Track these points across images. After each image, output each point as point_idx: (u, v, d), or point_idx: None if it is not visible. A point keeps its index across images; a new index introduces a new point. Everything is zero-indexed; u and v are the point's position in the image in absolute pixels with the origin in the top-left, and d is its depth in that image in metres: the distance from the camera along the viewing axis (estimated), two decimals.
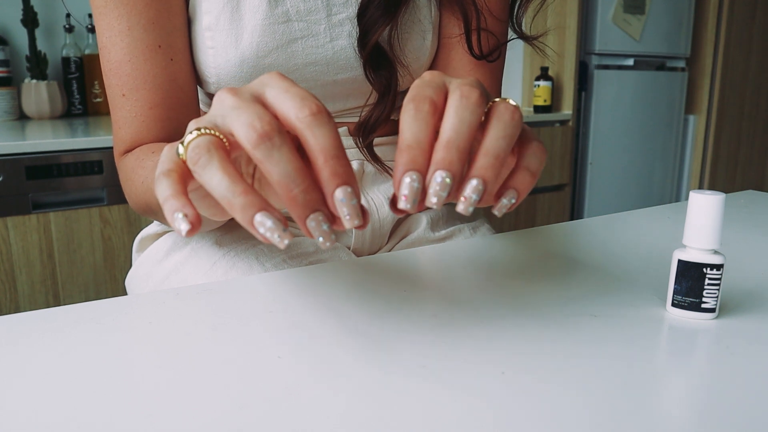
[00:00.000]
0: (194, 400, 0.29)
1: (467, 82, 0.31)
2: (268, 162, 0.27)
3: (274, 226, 0.27)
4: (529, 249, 0.54)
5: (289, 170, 0.27)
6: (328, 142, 0.28)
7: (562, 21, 2.11)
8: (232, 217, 0.36)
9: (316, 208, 0.28)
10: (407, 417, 0.27)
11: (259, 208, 0.27)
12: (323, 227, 0.28)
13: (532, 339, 0.35)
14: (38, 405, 0.28)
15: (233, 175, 0.28)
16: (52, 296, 1.37)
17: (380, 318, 0.38)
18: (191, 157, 0.28)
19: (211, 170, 0.28)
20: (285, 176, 0.27)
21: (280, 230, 0.27)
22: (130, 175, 0.52)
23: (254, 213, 0.27)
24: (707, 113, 2.57)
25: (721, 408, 0.28)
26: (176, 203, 0.28)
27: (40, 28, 1.75)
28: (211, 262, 0.58)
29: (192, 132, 0.29)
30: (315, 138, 0.28)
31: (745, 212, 0.68)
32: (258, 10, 0.54)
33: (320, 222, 0.28)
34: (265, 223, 0.27)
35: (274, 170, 0.27)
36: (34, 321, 0.38)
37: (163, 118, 0.54)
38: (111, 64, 0.53)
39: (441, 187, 0.29)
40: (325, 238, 0.28)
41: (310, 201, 0.28)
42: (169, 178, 0.29)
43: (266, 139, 0.27)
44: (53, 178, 1.33)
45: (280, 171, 0.27)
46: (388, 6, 0.55)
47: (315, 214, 0.28)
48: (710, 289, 0.37)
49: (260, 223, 0.27)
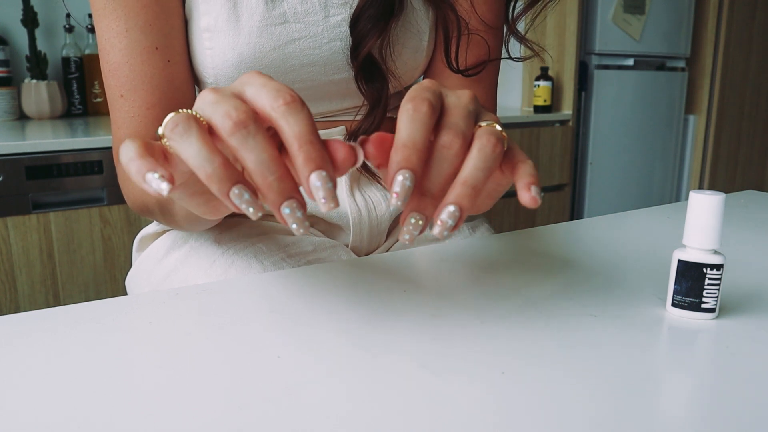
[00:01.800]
0: (194, 400, 0.29)
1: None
2: (243, 149, 0.28)
3: (251, 199, 0.28)
4: (529, 249, 0.54)
5: (264, 158, 0.28)
6: (301, 128, 0.29)
7: (562, 21, 2.11)
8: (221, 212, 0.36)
9: (290, 195, 0.29)
10: (407, 417, 0.27)
11: (236, 181, 0.28)
12: (297, 214, 0.29)
13: (532, 339, 0.35)
14: (38, 405, 0.28)
15: (211, 147, 0.28)
16: (52, 296, 1.37)
17: (380, 318, 0.38)
18: (168, 126, 0.29)
19: (189, 139, 0.28)
20: (260, 163, 0.28)
21: (256, 204, 0.28)
22: (128, 175, 0.52)
23: (231, 185, 0.28)
24: (707, 113, 2.57)
25: (721, 408, 0.28)
26: (144, 163, 0.28)
27: (40, 28, 1.75)
28: (210, 260, 0.58)
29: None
30: (289, 125, 0.28)
31: (745, 212, 0.68)
32: (255, 12, 0.54)
33: (294, 209, 0.29)
34: (242, 195, 0.28)
35: (249, 157, 0.28)
36: (34, 321, 0.38)
37: (160, 119, 0.53)
38: (110, 65, 0.53)
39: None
40: (299, 225, 0.29)
41: (284, 188, 0.28)
42: (134, 143, 0.29)
43: (241, 126, 0.28)
44: (53, 178, 1.33)
45: (255, 158, 0.28)
46: (380, 18, 0.55)
47: (289, 201, 0.29)
48: (710, 289, 0.37)
49: (237, 195, 0.28)
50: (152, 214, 0.53)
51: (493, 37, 0.63)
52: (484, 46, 0.62)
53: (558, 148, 2.11)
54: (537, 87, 2.08)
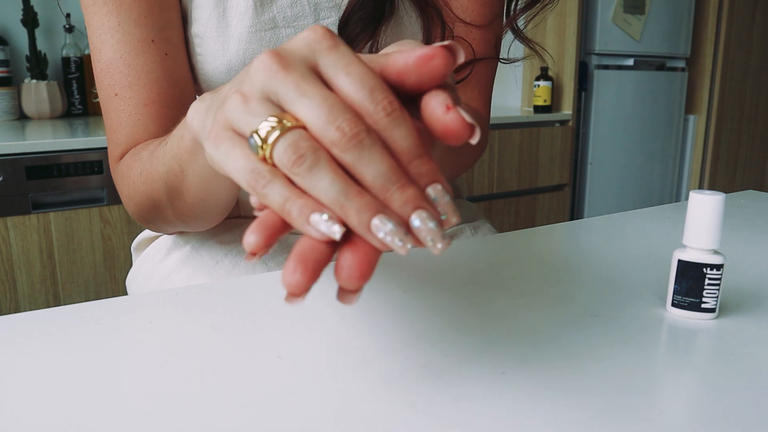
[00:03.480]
0: (194, 399, 0.29)
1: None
2: (359, 164, 0.24)
3: (395, 229, 0.24)
4: (529, 249, 0.54)
5: (384, 169, 0.24)
6: (408, 142, 0.25)
7: (562, 21, 2.11)
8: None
9: (418, 205, 0.24)
10: (407, 417, 0.27)
11: (377, 211, 0.24)
12: (429, 225, 0.24)
13: (532, 339, 0.35)
14: (38, 405, 0.28)
15: (344, 177, 0.24)
16: (52, 296, 1.37)
17: (380, 318, 0.38)
18: (291, 160, 0.24)
19: (319, 174, 0.24)
20: (380, 176, 0.24)
21: (402, 233, 0.24)
22: (127, 173, 0.50)
23: (371, 216, 0.24)
24: (707, 113, 2.57)
25: (721, 408, 0.28)
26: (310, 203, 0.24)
27: (40, 28, 1.75)
28: (213, 261, 0.57)
29: (256, 118, 0.25)
30: (394, 140, 0.25)
31: (745, 212, 0.68)
32: (245, 17, 0.53)
33: (425, 219, 0.24)
34: (385, 226, 0.24)
35: (368, 172, 0.24)
36: (34, 321, 0.38)
37: (160, 116, 0.52)
38: (102, 64, 0.51)
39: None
40: (434, 239, 0.24)
41: (410, 197, 0.24)
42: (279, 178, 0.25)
43: (357, 141, 0.24)
44: (53, 178, 1.33)
45: (374, 171, 0.24)
46: (369, 21, 0.54)
47: (418, 212, 0.24)
48: (710, 289, 0.37)
49: (378, 227, 0.24)
50: (157, 209, 0.49)
51: (483, 38, 0.61)
52: (470, 51, 0.60)
53: (558, 148, 2.11)
54: (537, 87, 2.08)
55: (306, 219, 0.24)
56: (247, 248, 0.24)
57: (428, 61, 0.25)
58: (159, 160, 0.44)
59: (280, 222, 0.25)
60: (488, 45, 0.62)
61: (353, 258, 0.24)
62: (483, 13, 0.61)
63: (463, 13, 0.60)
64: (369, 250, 0.24)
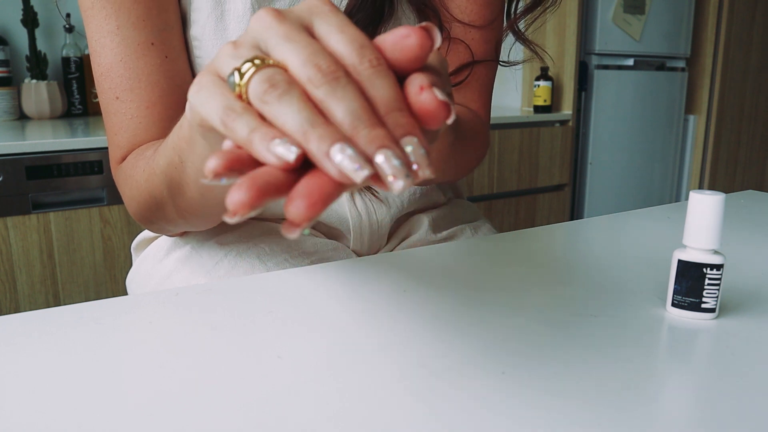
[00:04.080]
0: (194, 399, 0.29)
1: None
2: (331, 99, 0.24)
3: (354, 155, 0.23)
4: (530, 249, 0.54)
5: (355, 107, 0.24)
6: (389, 92, 0.25)
7: (562, 21, 2.11)
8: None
9: (384, 144, 0.24)
10: (407, 417, 0.27)
11: (339, 140, 0.23)
12: (394, 162, 0.23)
13: (532, 339, 0.35)
14: (38, 405, 0.28)
15: (313, 109, 0.24)
16: (52, 296, 1.37)
17: (381, 318, 0.38)
18: (264, 89, 0.24)
19: (289, 102, 0.24)
20: (350, 113, 0.24)
21: (360, 160, 0.23)
22: (130, 172, 0.50)
23: (332, 143, 0.23)
24: (707, 113, 2.57)
25: (721, 408, 0.28)
26: (273, 131, 0.24)
27: (40, 28, 1.75)
28: (213, 261, 0.57)
29: (241, 59, 0.25)
30: (375, 90, 0.25)
31: (745, 212, 0.68)
32: (243, 20, 0.53)
33: (390, 157, 0.23)
34: (344, 152, 0.23)
35: (339, 107, 0.24)
36: (34, 321, 0.38)
37: (162, 118, 0.52)
38: (102, 67, 0.51)
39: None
40: (396, 175, 0.23)
41: (377, 135, 0.24)
42: (250, 113, 0.25)
43: (333, 78, 0.24)
44: (53, 178, 1.33)
45: (345, 107, 0.24)
46: (368, 23, 0.54)
47: (383, 150, 0.23)
48: (710, 289, 0.37)
49: (336, 152, 0.23)
50: (160, 208, 0.49)
51: (482, 38, 0.61)
52: (468, 54, 0.60)
53: (558, 148, 2.11)
54: (537, 87, 2.08)
55: (266, 146, 0.24)
56: (207, 172, 0.24)
57: (403, 39, 0.26)
58: (160, 154, 0.44)
59: (245, 155, 0.24)
60: (489, 46, 0.62)
61: (306, 186, 0.23)
62: (482, 14, 0.61)
63: (461, 14, 0.60)
64: (325, 182, 0.23)
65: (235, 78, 0.25)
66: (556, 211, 2.19)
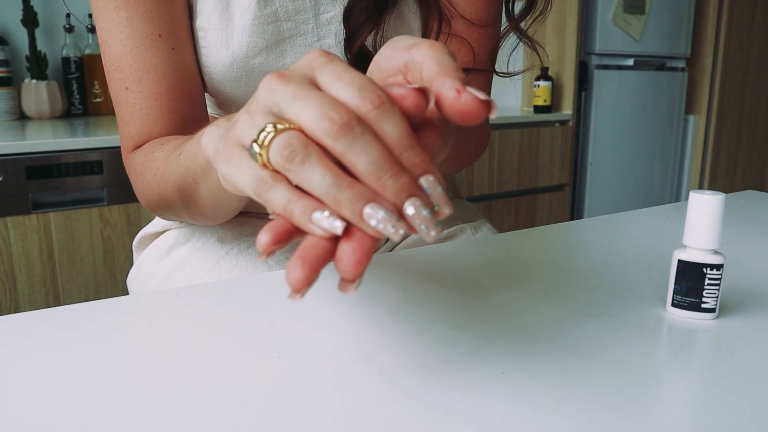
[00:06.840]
0: (194, 400, 0.29)
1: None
2: (351, 152, 0.25)
3: (387, 216, 0.24)
4: (530, 249, 0.54)
5: (376, 156, 0.25)
6: (398, 133, 0.26)
7: (562, 21, 2.11)
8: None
9: (411, 193, 0.25)
10: (407, 417, 0.27)
11: (368, 200, 0.25)
12: (423, 213, 0.25)
13: (532, 339, 0.35)
14: (38, 405, 0.28)
15: (335, 169, 0.25)
16: (52, 296, 1.37)
17: (380, 317, 0.38)
18: (284, 156, 0.25)
19: (311, 167, 0.25)
20: (372, 164, 0.25)
21: (394, 220, 0.24)
22: (140, 170, 0.52)
23: (363, 205, 0.24)
24: (707, 113, 2.57)
25: (721, 408, 0.28)
26: (311, 202, 0.25)
27: (40, 28, 1.75)
28: (214, 259, 0.58)
29: (257, 129, 0.26)
30: (384, 132, 0.26)
31: (745, 212, 0.68)
32: (248, 11, 0.54)
33: (419, 207, 0.25)
34: (377, 213, 0.24)
35: (360, 160, 0.25)
36: (34, 321, 0.38)
37: (169, 109, 0.53)
38: (112, 58, 0.52)
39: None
40: (428, 226, 0.25)
41: (404, 185, 0.25)
42: (281, 182, 0.26)
43: (347, 129, 0.25)
44: (53, 178, 1.33)
45: (367, 159, 0.25)
46: (373, 10, 0.55)
47: (411, 200, 0.25)
48: (710, 289, 0.37)
49: (370, 215, 0.24)
50: (170, 208, 0.51)
51: (486, 35, 0.62)
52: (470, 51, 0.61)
53: (558, 148, 2.11)
54: (537, 87, 2.08)
55: (308, 218, 0.25)
56: (259, 248, 0.25)
57: (399, 101, 0.27)
58: (173, 168, 0.46)
59: (290, 225, 0.26)
60: (490, 43, 0.62)
61: (349, 246, 0.25)
62: (480, 15, 0.61)
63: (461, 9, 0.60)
64: (364, 238, 0.25)
65: (255, 149, 0.26)
66: (556, 211, 2.19)
